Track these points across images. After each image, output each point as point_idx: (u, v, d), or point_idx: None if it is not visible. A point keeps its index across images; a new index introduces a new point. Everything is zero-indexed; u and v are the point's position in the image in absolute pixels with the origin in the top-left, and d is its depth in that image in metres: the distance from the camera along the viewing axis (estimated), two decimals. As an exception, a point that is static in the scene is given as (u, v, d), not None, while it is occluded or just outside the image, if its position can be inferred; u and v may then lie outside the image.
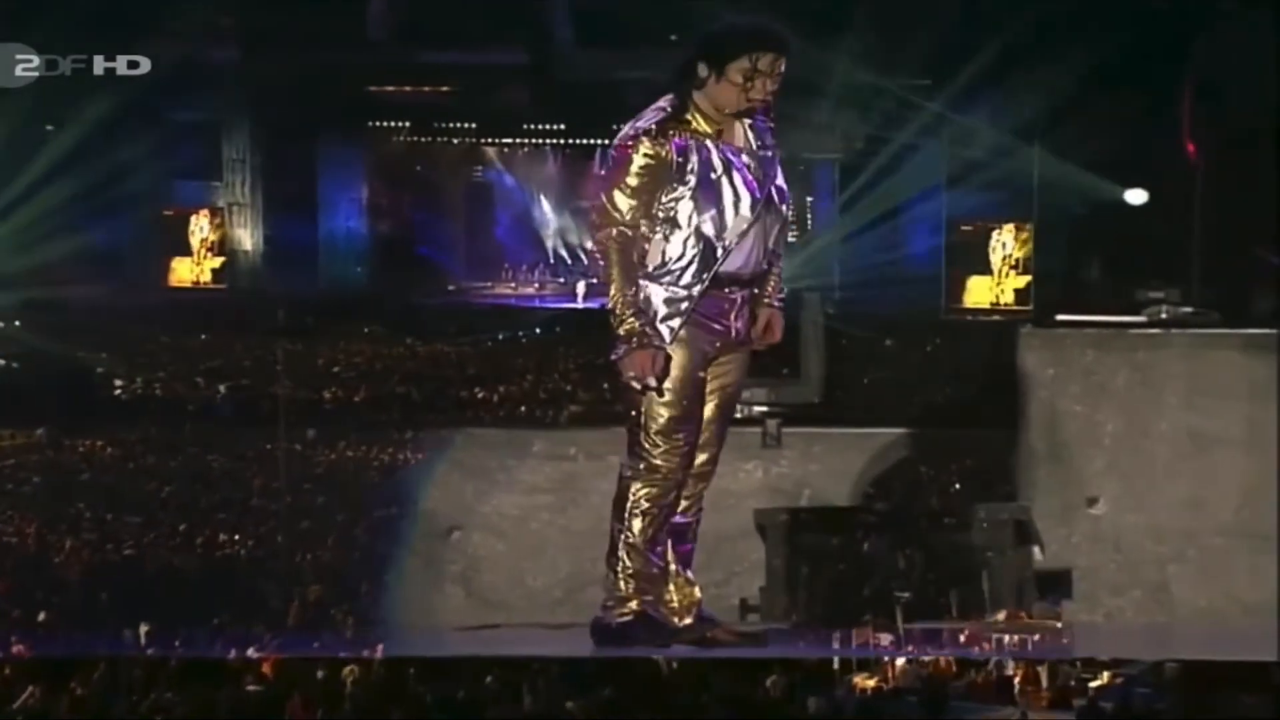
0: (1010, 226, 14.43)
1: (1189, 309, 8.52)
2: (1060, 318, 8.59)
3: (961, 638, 6.10)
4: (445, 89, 14.98)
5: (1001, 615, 7.18)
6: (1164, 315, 8.45)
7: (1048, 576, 7.93)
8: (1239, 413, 8.04)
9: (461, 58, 14.46)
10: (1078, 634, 6.45)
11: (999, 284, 14.44)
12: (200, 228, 14.71)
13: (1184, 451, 8.07)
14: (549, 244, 16.74)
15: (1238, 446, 8.05)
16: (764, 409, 8.22)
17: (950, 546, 7.92)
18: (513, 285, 16.44)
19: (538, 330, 13.48)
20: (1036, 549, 7.95)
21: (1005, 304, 14.27)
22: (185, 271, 14.70)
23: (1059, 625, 6.62)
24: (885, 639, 6.33)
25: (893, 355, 12.08)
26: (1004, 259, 14.51)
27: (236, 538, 9.21)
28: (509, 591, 8.45)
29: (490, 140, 15.90)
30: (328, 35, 13.93)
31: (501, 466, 8.61)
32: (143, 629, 6.47)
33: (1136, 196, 12.95)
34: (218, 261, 14.62)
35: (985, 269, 14.44)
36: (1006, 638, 6.23)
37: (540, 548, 8.42)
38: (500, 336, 13.23)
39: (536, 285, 16.50)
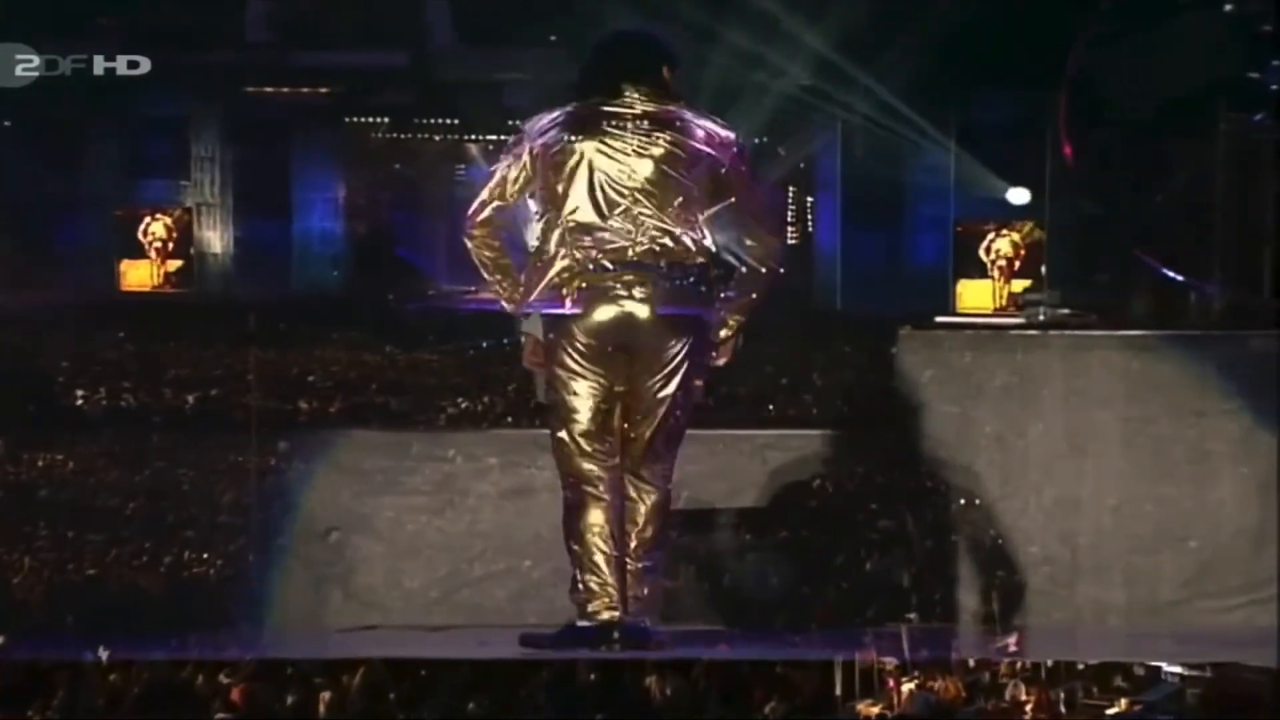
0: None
1: (1067, 310, 8.89)
2: (939, 319, 9.04)
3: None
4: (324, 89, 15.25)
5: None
6: (1042, 317, 8.83)
7: (926, 579, 8.27)
8: (1116, 414, 8.34)
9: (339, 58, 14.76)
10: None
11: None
12: (163, 228, 14.70)
13: (1060, 452, 8.36)
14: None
15: (1115, 447, 8.33)
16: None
17: (829, 548, 8.34)
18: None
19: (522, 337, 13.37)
20: (914, 551, 8.28)
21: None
22: (148, 275, 14.67)
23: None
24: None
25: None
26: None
27: (205, 556, 9.14)
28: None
29: (473, 137, 15.92)
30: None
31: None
32: (104, 653, 6.38)
33: (1019, 196, 13.03)
34: (181, 264, 14.61)
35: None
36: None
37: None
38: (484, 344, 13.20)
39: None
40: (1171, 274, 10.72)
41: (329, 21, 14.80)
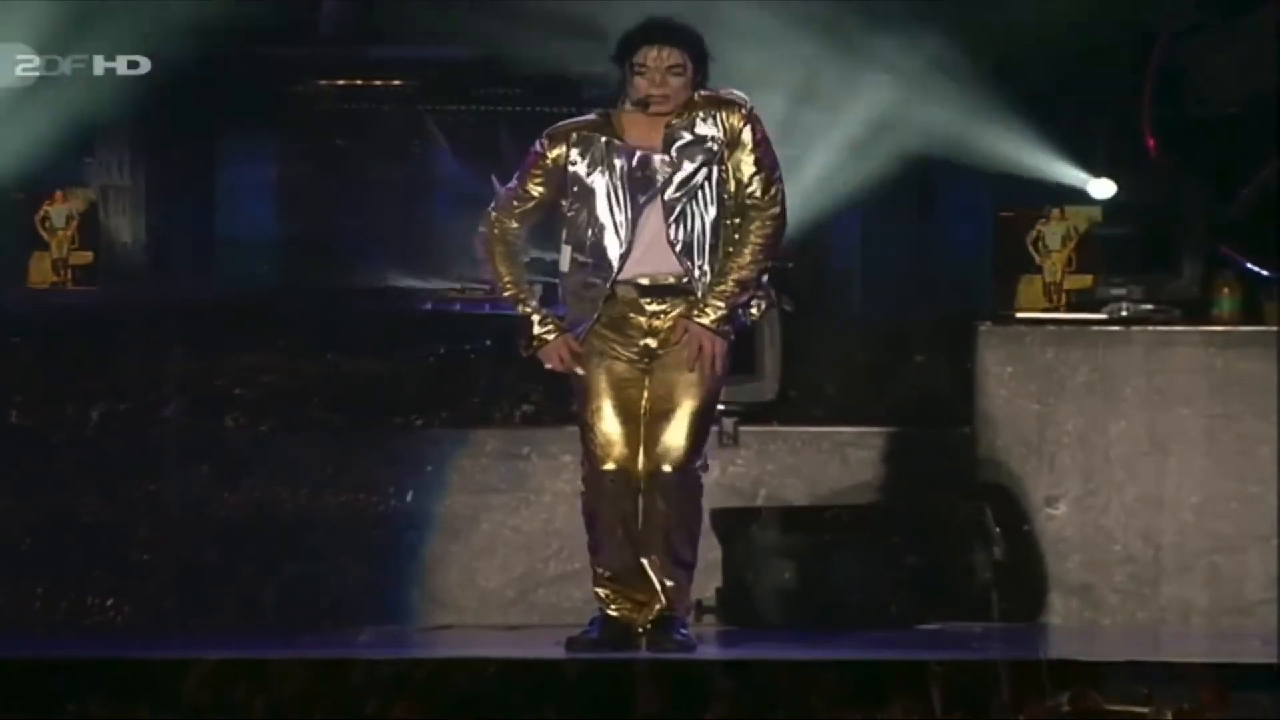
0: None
1: (1150, 306, 9.67)
2: (1020, 315, 9.85)
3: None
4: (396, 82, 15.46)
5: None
6: (1124, 312, 9.62)
7: (1008, 578, 9.08)
8: (1199, 410, 9.22)
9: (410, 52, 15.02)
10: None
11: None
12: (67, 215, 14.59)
13: (1143, 450, 9.24)
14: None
15: (1198, 444, 9.23)
16: (720, 408, 9.07)
17: (908, 547, 9.01)
18: (458, 287, 16.22)
19: (488, 343, 13.27)
20: (995, 549, 9.07)
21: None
22: (47, 269, 14.56)
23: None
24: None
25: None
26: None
27: (112, 601, 9.28)
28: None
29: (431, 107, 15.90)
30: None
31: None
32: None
33: (1102, 189, 13.26)
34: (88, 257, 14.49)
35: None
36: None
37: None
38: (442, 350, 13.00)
39: (487, 288, 16.22)
40: (1256, 268, 11.04)
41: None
